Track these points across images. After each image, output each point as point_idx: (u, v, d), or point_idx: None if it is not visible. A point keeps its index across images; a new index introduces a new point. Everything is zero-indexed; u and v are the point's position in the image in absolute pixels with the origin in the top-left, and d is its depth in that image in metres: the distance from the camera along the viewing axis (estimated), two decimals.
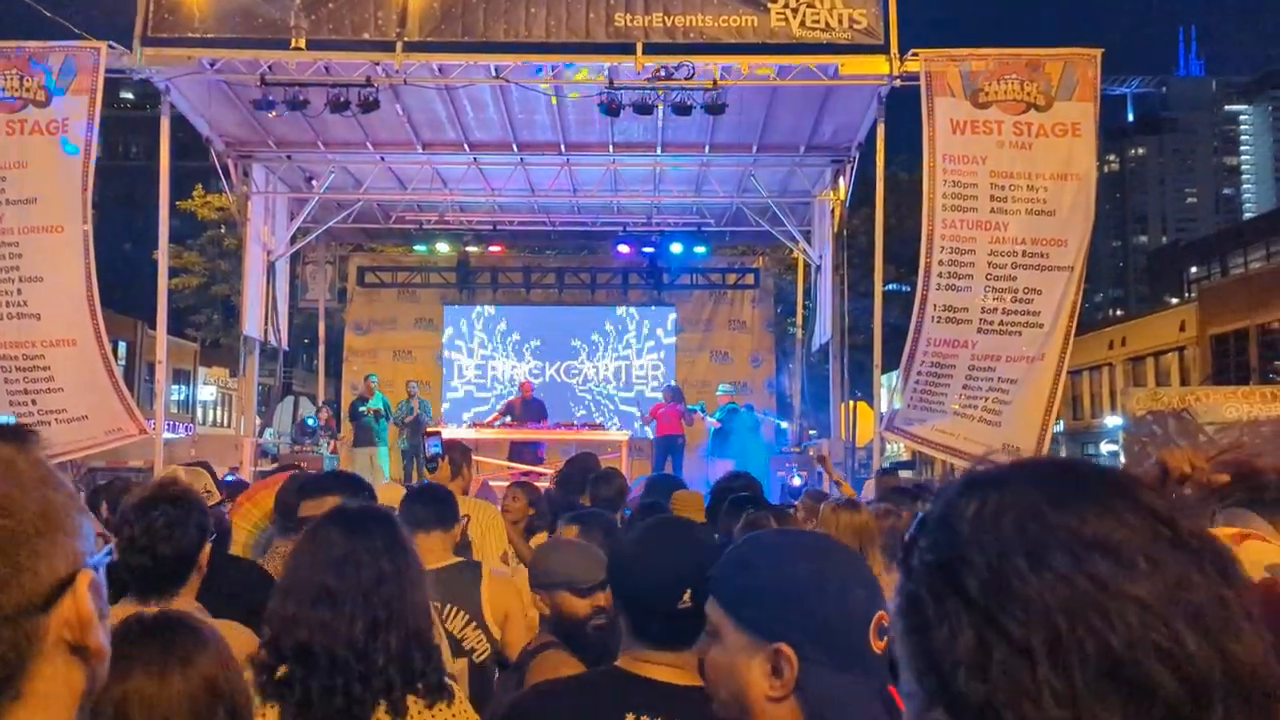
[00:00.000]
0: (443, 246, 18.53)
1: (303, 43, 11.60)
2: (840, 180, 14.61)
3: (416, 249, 18.93)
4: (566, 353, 18.74)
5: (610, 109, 11.89)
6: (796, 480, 12.97)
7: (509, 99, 13.13)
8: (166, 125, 12.14)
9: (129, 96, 52.10)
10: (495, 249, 19.38)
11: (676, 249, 17.55)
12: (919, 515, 0.88)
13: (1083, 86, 10.99)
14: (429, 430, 5.55)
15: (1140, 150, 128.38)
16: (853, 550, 1.65)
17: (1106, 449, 32.78)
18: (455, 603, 3.55)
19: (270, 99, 11.87)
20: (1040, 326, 10.82)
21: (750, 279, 18.88)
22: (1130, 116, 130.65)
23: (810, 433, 17.70)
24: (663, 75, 11.58)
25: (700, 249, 17.79)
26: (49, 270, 10.73)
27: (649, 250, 18.13)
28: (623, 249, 18.49)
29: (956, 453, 10.87)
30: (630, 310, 18.88)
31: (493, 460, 14.31)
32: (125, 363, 31.67)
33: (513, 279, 19.29)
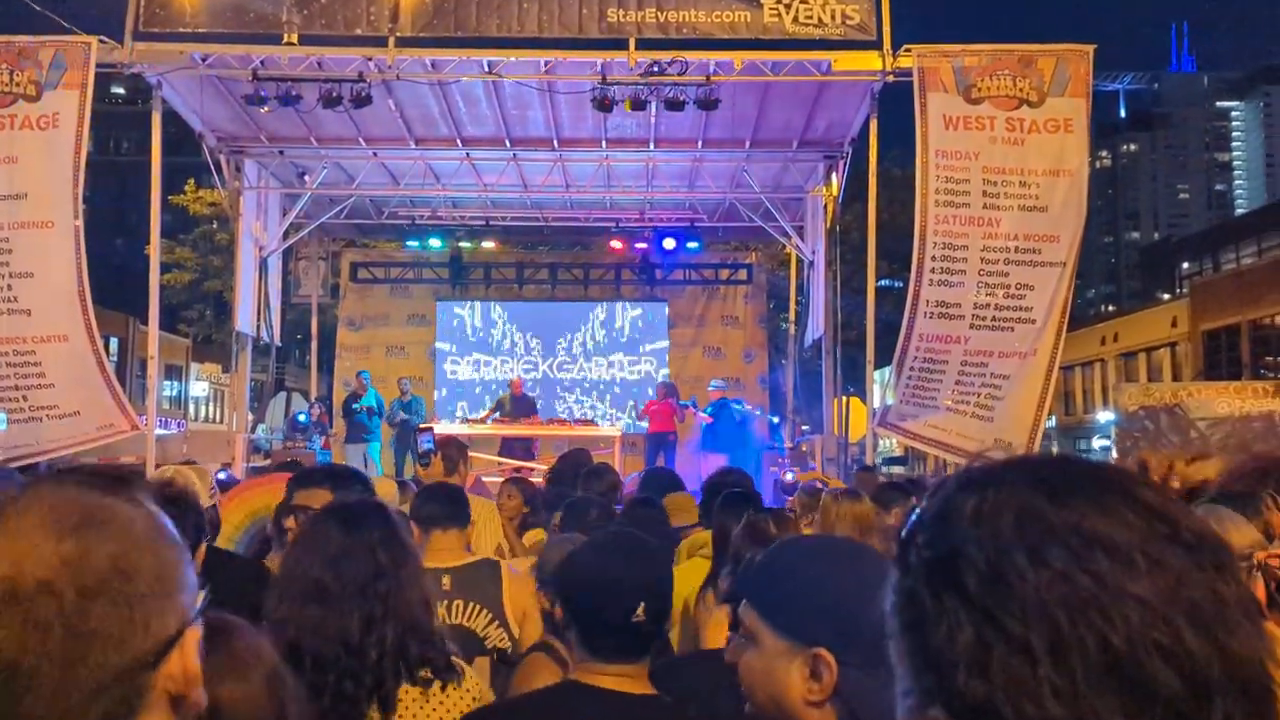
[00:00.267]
0: (435, 242, 18.48)
1: (295, 38, 11.58)
2: (833, 176, 14.59)
3: (409, 244, 18.88)
4: (559, 348, 18.73)
5: (603, 104, 11.88)
6: (789, 476, 12.96)
7: (502, 94, 13.11)
8: (158, 120, 12.12)
9: (120, 91, 51.92)
10: (489, 244, 19.37)
11: (669, 244, 17.51)
12: (914, 512, 0.88)
13: (1075, 82, 11.00)
14: (421, 426, 5.56)
15: (1132, 146, 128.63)
16: (885, 555, 1.66)
17: (1098, 444, 32.85)
18: (477, 600, 3.55)
19: (262, 94, 11.83)
20: (1032, 322, 10.83)
21: (743, 274, 18.84)
22: (1122, 112, 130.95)
23: (803, 428, 17.71)
24: (655, 71, 11.57)
25: (693, 244, 17.76)
26: (40, 266, 10.69)
27: (642, 246, 18.11)
28: (616, 244, 18.49)
29: (949, 448, 10.89)
30: (623, 306, 18.87)
31: (485, 456, 14.29)
32: (117, 359, 31.54)
33: (505, 275, 19.24)
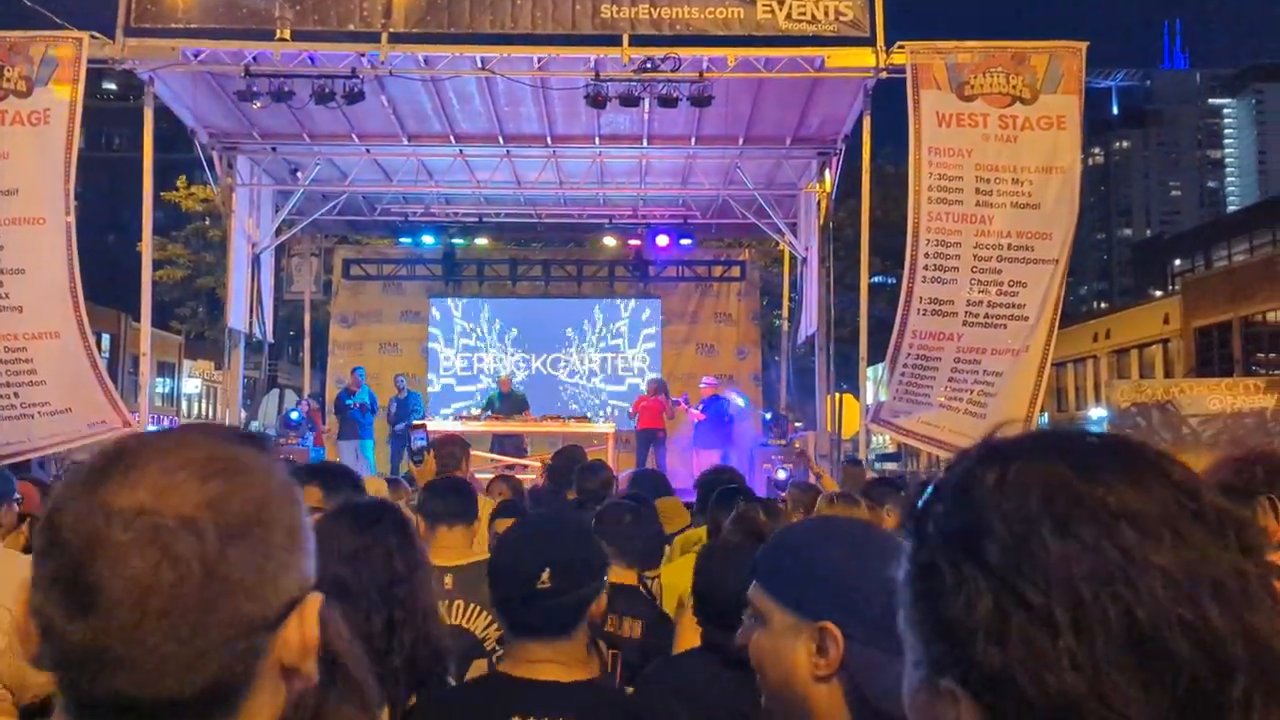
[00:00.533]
0: (428, 239, 18.46)
1: (287, 34, 11.55)
2: (826, 173, 14.58)
3: (402, 241, 18.83)
4: (552, 345, 18.70)
5: (596, 101, 11.87)
6: (781, 474, 12.99)
7: (495, 91, 13.08)
8: (150, 116, 12.04)
9: (112, 87, 51.70)
10: (482, 241, 19.36)
11: (663, 241, 17.52)
12: (932, 483, 0.88)
13: (1068, 79, 11.01)
14: (415, 424, 5.57)
15: (1124, 143, 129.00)
16: (891, 532, 1.67)
17: None
18: (478, 601, 3.43)
19: (255, 90, 11.78)
20: (1025, 319, 10.85)
21: (736, 271, 18.83)
22: (1115, 110, 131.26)
23: (796, 425, 17.73)
24: (649, 67, 11.56)
25: (686, 241, 17.76)
26: (31, 262, 10.64)
27: (635, 243, 18.11)
28: (609, 241, 18.48)
29: (942, 444, 10.91)
30: (616, 302, 18.86)
31: (479, 453, 14.29)
32: (109, 355, 31.45)
33: (499, 271, 19.21)
